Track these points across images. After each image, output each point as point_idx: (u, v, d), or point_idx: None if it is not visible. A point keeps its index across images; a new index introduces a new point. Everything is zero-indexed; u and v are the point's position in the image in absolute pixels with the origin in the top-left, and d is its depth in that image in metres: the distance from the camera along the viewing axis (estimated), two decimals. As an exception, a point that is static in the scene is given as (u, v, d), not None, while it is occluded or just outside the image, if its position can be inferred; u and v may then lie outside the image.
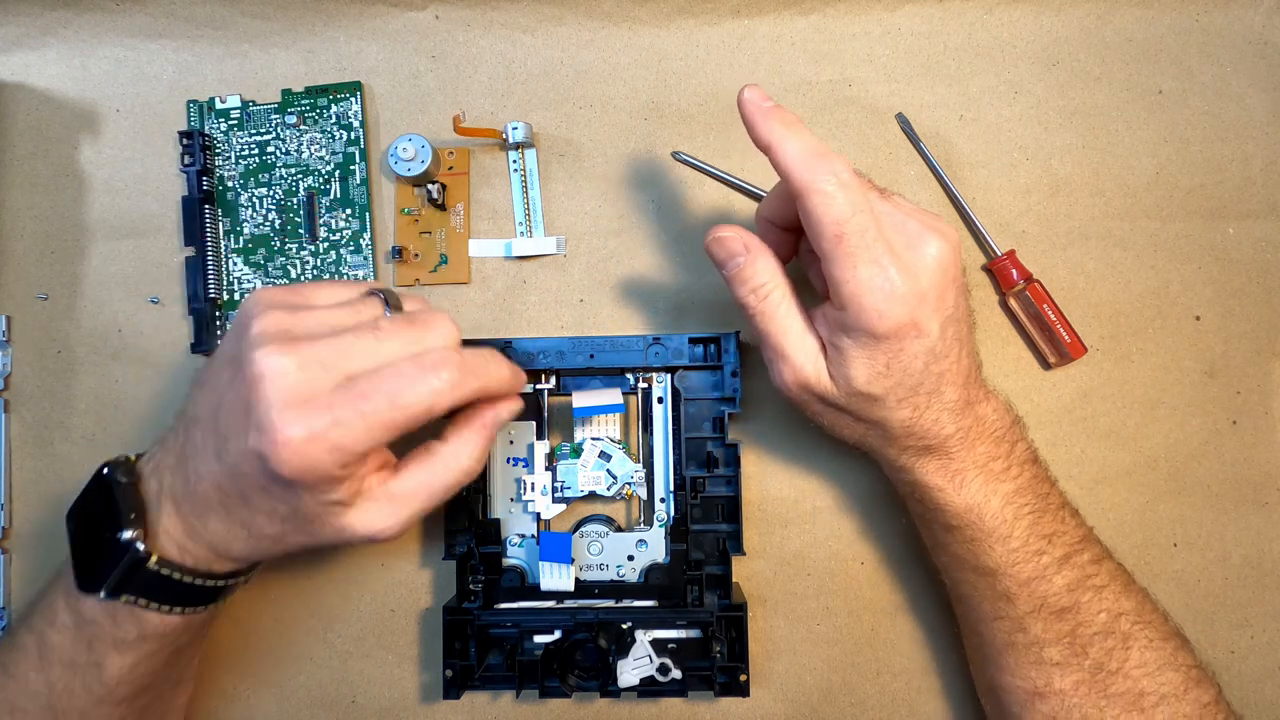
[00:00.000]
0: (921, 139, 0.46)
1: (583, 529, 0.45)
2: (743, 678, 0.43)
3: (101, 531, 0.34)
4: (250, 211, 0.47)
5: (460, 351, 0.33)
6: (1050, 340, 0.45)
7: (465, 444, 0.36)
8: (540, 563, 0.43)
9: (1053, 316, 0.44)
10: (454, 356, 0.33)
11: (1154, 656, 0.38)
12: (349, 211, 0.47)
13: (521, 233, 0.47)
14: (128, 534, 0.34)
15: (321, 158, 0.47)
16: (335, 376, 0.31)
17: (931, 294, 0.35)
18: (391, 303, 0.35)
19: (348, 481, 0.32)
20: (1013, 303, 0.45)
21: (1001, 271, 0.45)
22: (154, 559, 0.34)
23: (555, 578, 0.43)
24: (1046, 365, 0.46)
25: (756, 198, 0.46)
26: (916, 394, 0.36)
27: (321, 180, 0.47)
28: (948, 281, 0.36)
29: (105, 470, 0.36)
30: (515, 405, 0.37)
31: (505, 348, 0.44)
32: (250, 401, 0.31)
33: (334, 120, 0.47)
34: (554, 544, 0.42)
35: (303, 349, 0.31)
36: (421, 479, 0.35)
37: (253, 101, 0.48)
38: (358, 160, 0.47)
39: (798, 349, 0.38)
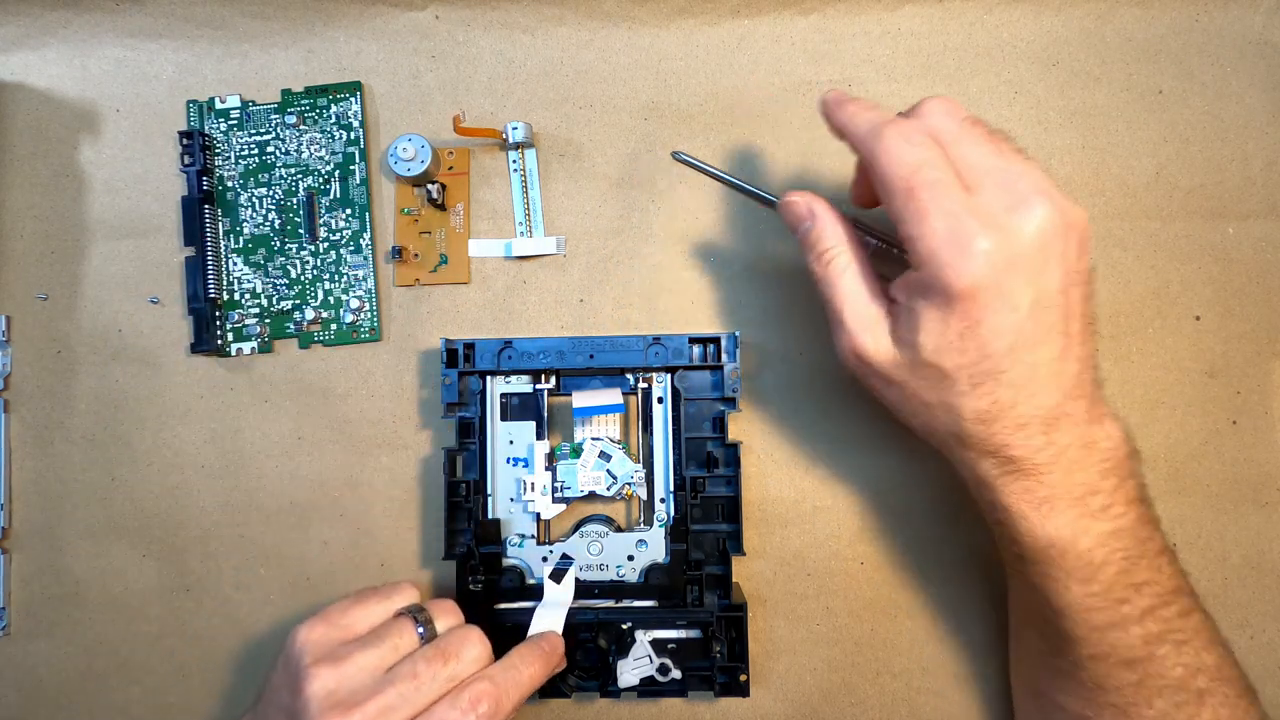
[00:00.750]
0: None
1: (582, 529, 0.45)
2: (743, 678, 0.43)
3: None
4: (250, 211, 0.47)
5: (494, 678, 0.36)
6: None
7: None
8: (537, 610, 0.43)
9: None
10: (488, 688, 0.36)
11: (1227, 714, 0.35)
12: (349, 211, 0.47)
13: (521, 233, 0.47)
14: None
15: (321, 158, 0.47)
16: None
17: (1024, 262, 0.31)
18: (421, 621, 0.38)
19: None
20: None
21: None
22: None
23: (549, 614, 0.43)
24: None
25: (756, 197, 0.45)
26: (997, 383, 0.32)
27: (321, 180, 0.47)
28: (1049, 255, 0.32)
29: None
30: (554, 672, 0.40)
31: (505, 347, 0.44)
32: None
33: (334, 120, 0.47)
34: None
35: (354, 716, 0.34)
36: None
37: (253, 101, 0.48)
38: (358, 160, 0.47)
39: (856, 315, 0.36)
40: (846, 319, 0.36)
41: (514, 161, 0.48)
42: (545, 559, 0.44)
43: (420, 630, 0.38)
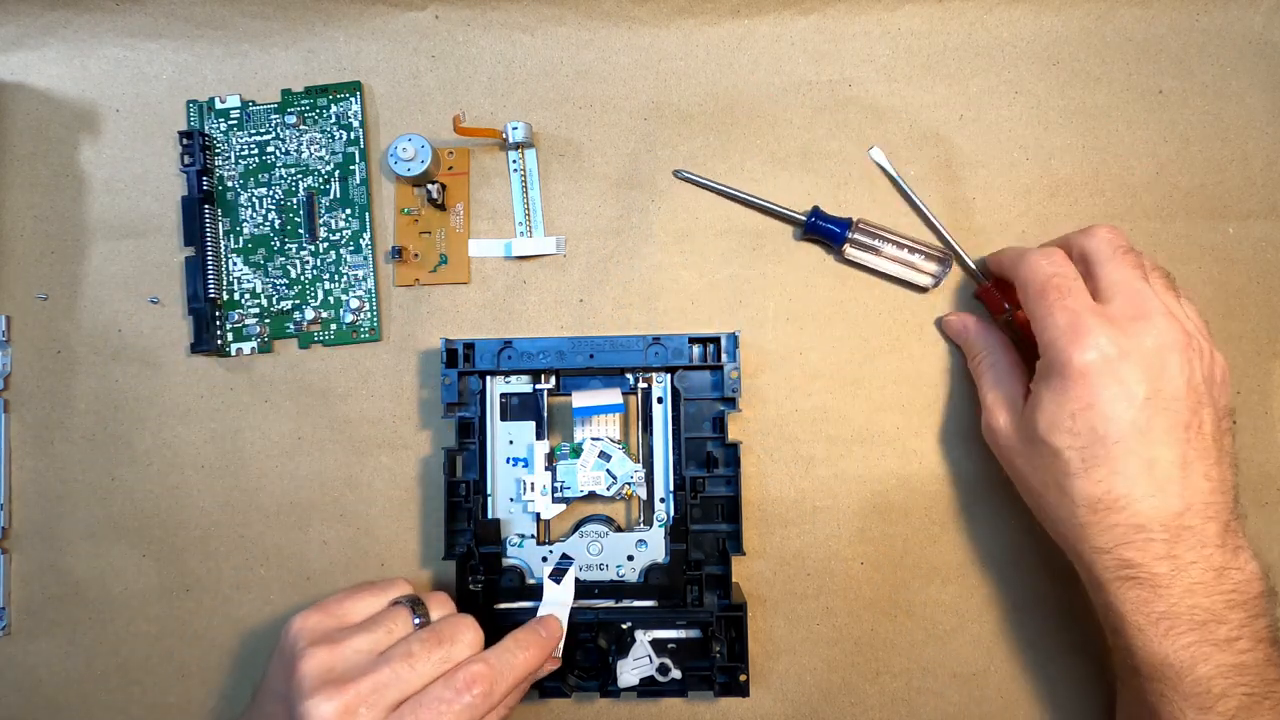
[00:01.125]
0: (898, 171, 0.46)
1: (582, 529, 0.45)
2: (742, 678, 0.43)
3: None
4: (250, 211, 0.47)
5: (489, 661, 0.36)
6: None
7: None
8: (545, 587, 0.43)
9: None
10: (483, 670, 0.36)
11: None
12: (349, 211, 0.47)
13: (521, 233, 0.47)
14: None
15: (321, 158, 0.47)
16: (379, 711, 0.34)
17: (1140, 358, 0.34)
18: (418, 611, 0.39)
19: None
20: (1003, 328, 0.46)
21: (990, 298, 0.45)
22: None
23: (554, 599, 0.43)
24: None
25: (759, 209, 0.46)
26: (1111, 473, 0.34)
27: (321, 180, 0.47)
28: (1169, 362, 0.34)
29: None
30: (551, 667, 0.40)
31: (505, 347, 0.44)
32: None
33: (334, 120, 0.47)
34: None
35: (348, 692, 0.34)
36: None
37: (252, 101, 0.48)
38: (357, 160, 0.47)
39: (995, 398, 0.41)
40: (988, 401, 0.41)
41: (514, 161, 0.48)
42: (545, 559, 0.44)
43: (416, 619, 0.38)
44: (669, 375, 0.45)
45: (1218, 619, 0.34)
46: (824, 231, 0.45)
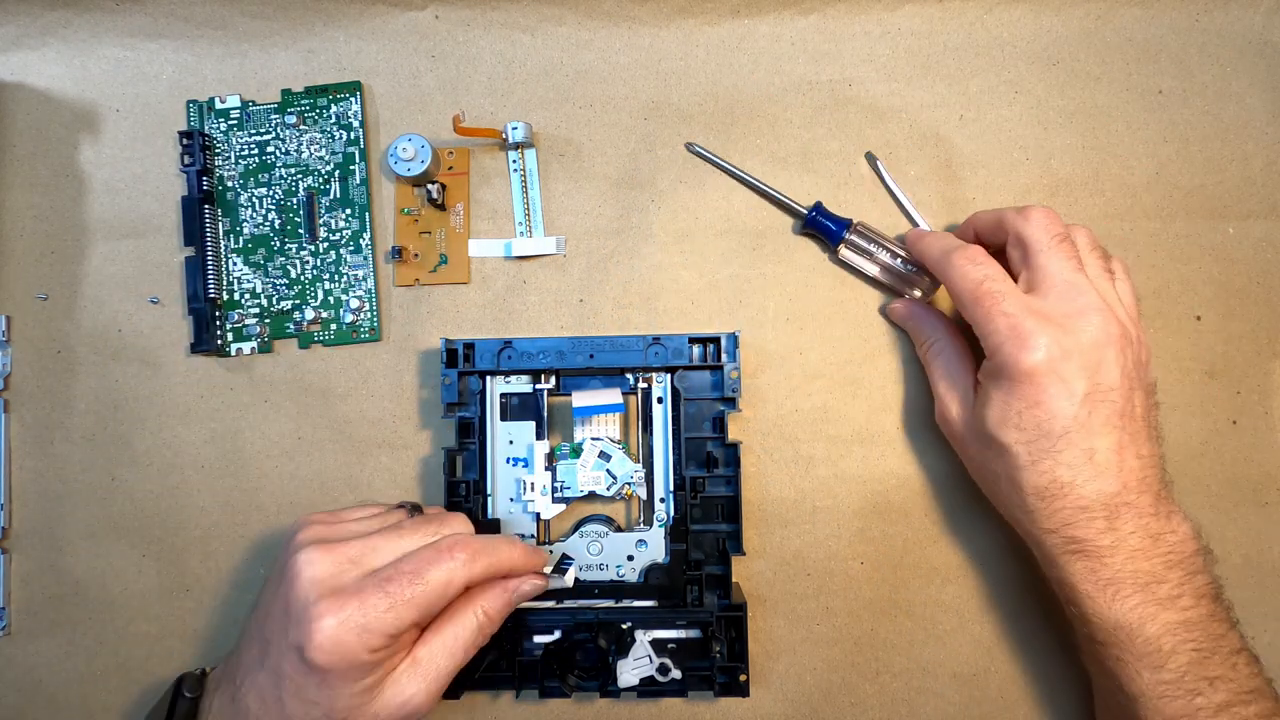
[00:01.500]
0: (895, 174, 0.46)
1: (582, 529, 0.45)
2: (742, 678, 0.43)
3: None
4: (250, 211, 0.47)
5: (474, 537, 0.37)
6: None
7: (486, 599, 0.38)
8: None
9: None
10: (467, 539, 0.36)
11: None
12: (349, 211, 0.47)
13: (521, 233, 0.47)
14: None
15: (321, 158, 0.47)
16: (364, 570, 0.35)
17: (1080, 356, 0.36)
18: (414, 511, 0.40)
19: (376, 670, 0.34)
20: None
21: None
22: None
23: (553, 580, 0.43)
24: None
25: (763, 195, 0.46)
26: (1055, 462, 0.36)
27: (321, 180, 0.47)
28: (1106, 356, 0.36)
29: (178, 682, 0.39)
30: (537, 581, 0.40)
31: (505, 347, 0.44)
32: (290, 599, 0.34)
33: (334, 120, 0.47)
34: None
35: (336, 549, 0.35)
36: (442, 641, 0.36)
37: (252, 101, 0.48)
38: (357, 160, 0.47)
39: (946, 389, 0.42)
40: (939, 391, 0.42)
41: (514, 161, 0.48)
42: None
43: (410, 515, 0.40)
44: (669, 375, 0.45)
45: (1158, 579, 0.36)
46: (822, 228, 0.45)
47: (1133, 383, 0.37)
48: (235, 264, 0.47)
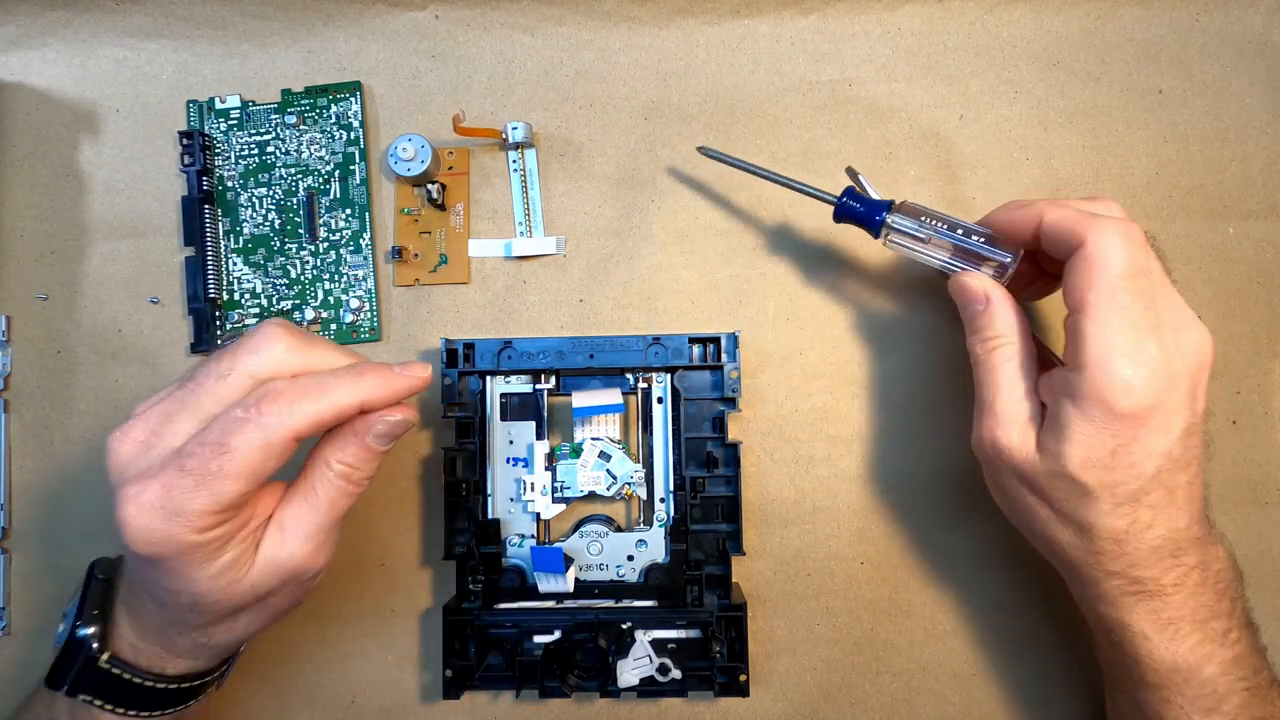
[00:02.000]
0: (874, 190, 0.46)
1: (582, 529, 0.45)
2: (742, 678, 0.43)
3: (73, 624, 0.35)
4: (250, 211, 0.47)
5: (291, 383, 0.31)
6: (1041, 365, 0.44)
7: (337, 450, 0.33)
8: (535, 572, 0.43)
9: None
10: (279, 390, 0.30)
11: None
12: (349, 211, 0.47)
13: (521, 233, 0.47)
14: (83, 631, 0.34)
15: (321, 158, 0.47)
16: (165, 447, 0.30)
17: (1184, 385, 0.31)
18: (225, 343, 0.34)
19: (226, 547, 0.31)
20: None
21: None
22: (105, 657, 0.34)
23: (553, 582, 0.43)
24: None
25: (789, 186, 0.42)
26: (1138, 505, 0.32)
27: (321, 180, 0.47)
28: (1202, 382, 0.32)
29: (91, 566, 0.37)
30: (396, 417, 0.33)
31: (505, 347, 0.44)
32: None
33: (334, 120, 0.47)
34: (546, 557, 0.42)
35: (132, 426, 0.31)
36: (304, 499, 0.33)
37: (252, 101, 0.48)
38: (357, 160, 0.47)
39: (1009, 407, 0.34)
40: (999, 408, 0.35)
41: (514, 161, 0.48)
42: None
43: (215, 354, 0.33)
44: (669, 375, 0.45)
45: (1214, 613, 0.33)
46: (857, 217, 0.40)
47: (1207, 399, 0.33)
48: (235, 264, 0.47)
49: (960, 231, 0.38)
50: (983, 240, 0.38)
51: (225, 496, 0.30)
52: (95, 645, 0.34)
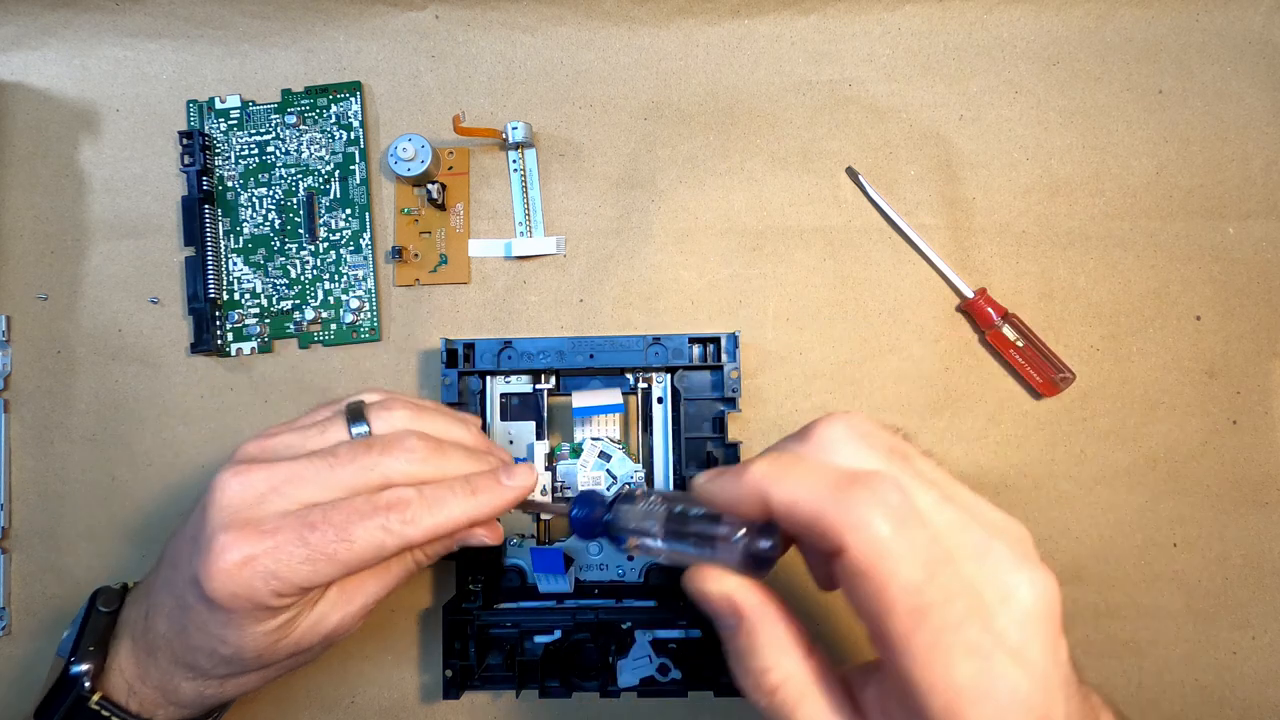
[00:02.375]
0: (874, 188, 0.46)
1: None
2: (743, 678, 0.43)
3: (67, 660, 0.34)
4: (250, 211, 0.47)
5: (422, 493, 0.31)
6: (1038, 369, 0.45)
7: (427, 548, 0.34)
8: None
9: (1025, 357, 0.44)
10: (410, 497, 0.31)
11: None
12: (349, 211, 0.47)
13: (521, 233, 0.47)
14: (76, 668, 0.34)
15: (321, 158, 0.47)
16: (286, 503, 0.30)
17: (1055, 673, 0.23)
18: (358, 419, 0.33)
19: (287, 615, 0.31)
20: (993, 340, 0.45)
21: (979, 312, 0.45)
22: (96, 698, 0.33)
23: (552, 582, 0.43)
24: (1037, 395, 0.46)
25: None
26: None
27: (321, 180, 0.47)
28: (1058, 632, 0.24)
29: (93, 596, 0.36)
30: (486, 538, 0.34)
31: (505, 348, 0.44)
32: (200, 524, 0.30)
33: (334, 120, 0.47)
34: (546, 557, 0.42)
35: (255, 472, 0.30)
36: (375, 575, 0.33)
37: (252, 101, 0.48)
38: (358, 160, 0.47)
39: None
40: None
41: (514, 161, 0.48)
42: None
43: (351, 429, 0.33)
44: (669, 375, 0.45)
45: None
46: (583, 528, 0.33)
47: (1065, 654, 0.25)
48: (235, 264, 0.47)
49: (680, 515, 0.29)
50: (712, 523, 0.27)
51: (325, 578, 0.30)
52: (87, 685, 0.34)
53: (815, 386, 0.46)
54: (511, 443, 0.45)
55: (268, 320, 0.47)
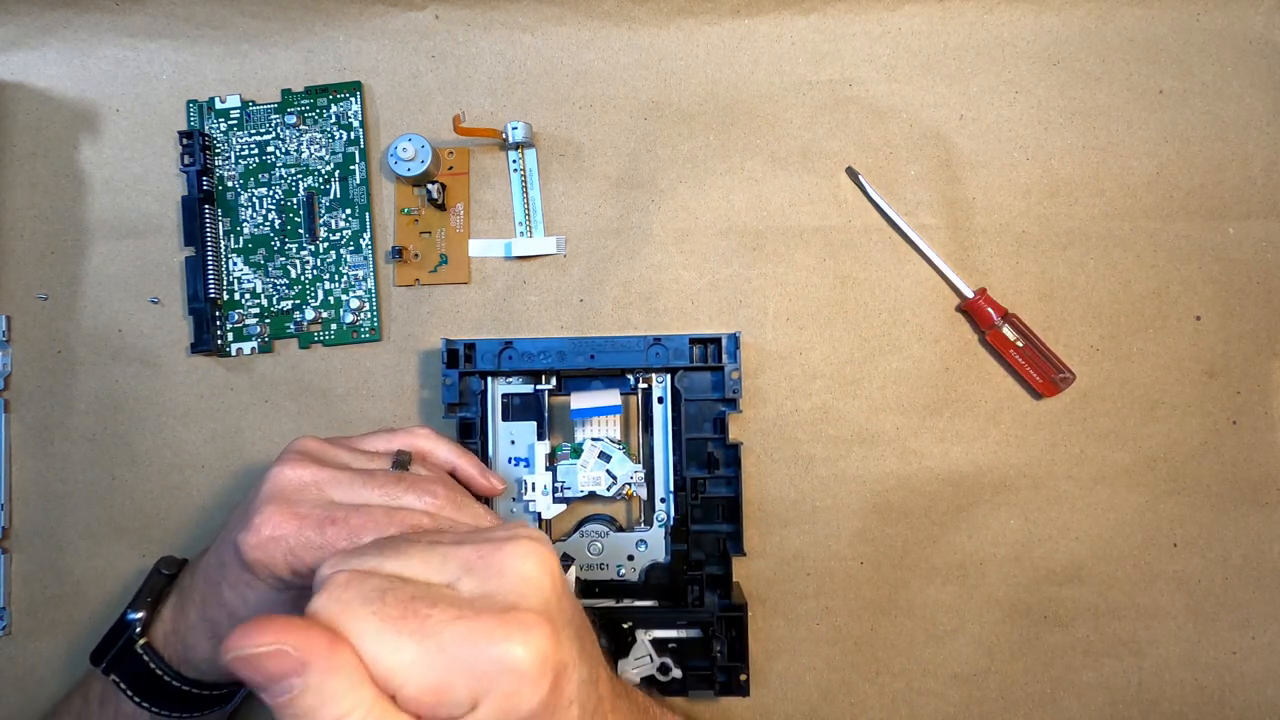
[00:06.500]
0: (875, 188, 0.46)
1: (583, 529, 0.45)
2: (743, 677, 0.43)
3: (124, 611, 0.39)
4: (250, 211, 0.47)
5: (434, 520, 0.33)
6: (1038, 369, 0.45)
7: None
8: None
9: (1025, 357, 0.44)
10: (424, 521, 0.33)
11: None
12: (349, 211, 0.47)
13: (521, 233, 0.47)
14: (131, 615, 0.38)
15: (321, 158, 0.47)
16: (322, 498, 0.34)
17: (566, 631, 0.25)
18: (400, 461, 0.37)
19: (296, 592, 0.34)
20: (993, 340, 0.45)
21: (979, 312, 0.45)
22: (141, 643, 0.38)
23: None
24: (1037, 396, 0.46)
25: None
26: None
27: (321, 180, 0.47)
28: (556, 592, 0.26)
29: (159, 561, 0.41)
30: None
31: (505, 348, 0.44)
32: (252, 499, 0.35)
33: (334, 120, 0.47)
34: None
35: (310, 467, 0.35)
36: None
37: (252, 101, 0.48)
38: (358, 160, 0.47)
39: None
40: None
41: (514, 161, 0.48)
42: None
43: (394, 466, 0.37)
44: (669, 376, 0.45)
45: None
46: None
47: (570, 597, 0.28)
48: (235, 264, 0.47)
49: None
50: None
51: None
52: (138, 630, 0.38)
53: (815, 386, 0.46)
54: (513, 443, 0.45)
55: (268, 320, 0.47)
